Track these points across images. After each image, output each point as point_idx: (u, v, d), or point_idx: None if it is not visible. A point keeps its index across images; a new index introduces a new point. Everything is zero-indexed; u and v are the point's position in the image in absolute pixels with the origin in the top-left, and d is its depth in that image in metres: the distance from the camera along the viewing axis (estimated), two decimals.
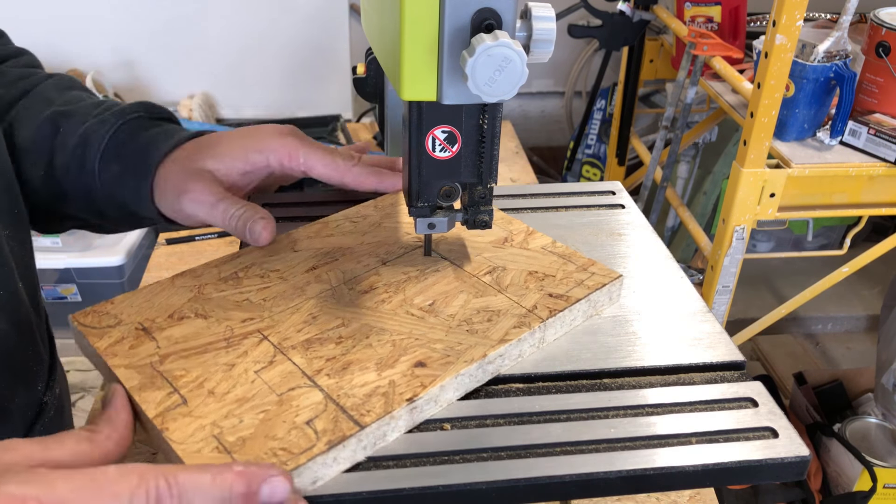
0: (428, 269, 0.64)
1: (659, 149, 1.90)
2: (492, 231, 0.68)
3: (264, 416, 0.49)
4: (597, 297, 0.61)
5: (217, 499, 0.40)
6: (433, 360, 0.54)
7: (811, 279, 1.55)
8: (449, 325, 0.57)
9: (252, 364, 0.53)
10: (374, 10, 0.59)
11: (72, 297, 2.03)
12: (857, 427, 1.69)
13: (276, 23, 2.18)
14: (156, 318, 0.57)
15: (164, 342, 0.55)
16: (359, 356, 0.54)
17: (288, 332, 0.56)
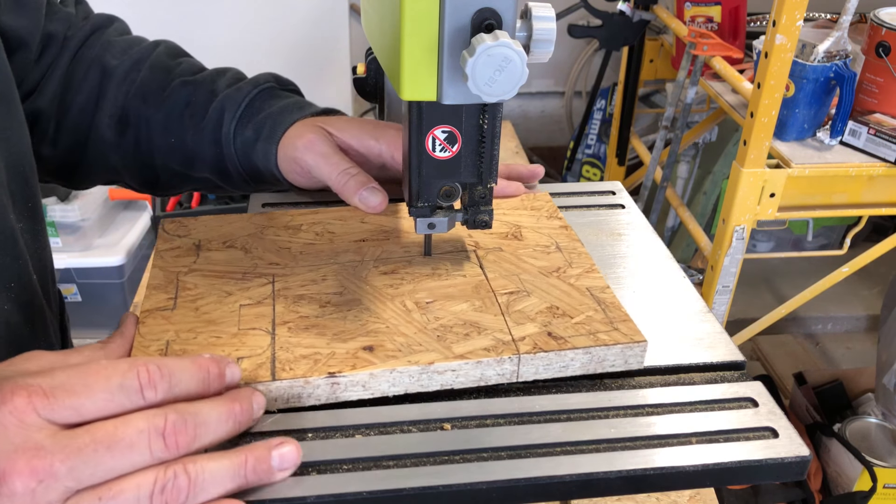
0: (457, 272, 0.64)
1: (659, 149, 1.90)
2: (552, 256, 0.66)
3: (212, 341, 0.55)
4: (602, 354, 0.56)
5: (199, 378, 0.46)
6: (382, 350, 0.55)
7: (811, 279, 1.55)
8: (425, 326, 0.57)
9: (244, 298, 0.59)
10: (375, 10, 0.59)
11: (72, 297, 2.03)
12: (857, 427, 1.69)
13: (276, 23, 2.18)
14: (212, 241, 0.67)
15: (201, 260, 0.64)
16: (326, 323, 0.57)
17: (292, 284, 0.61)
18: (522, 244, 0.68)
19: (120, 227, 2.11)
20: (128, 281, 2.02)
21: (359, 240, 0.67)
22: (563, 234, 0.70)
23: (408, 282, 0.62)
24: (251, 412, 0.48)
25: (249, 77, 0.78)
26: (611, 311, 0.59)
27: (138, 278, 1.27)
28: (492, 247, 0.67)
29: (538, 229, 0.70)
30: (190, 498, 0.42)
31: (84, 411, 0.41)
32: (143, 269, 1.27)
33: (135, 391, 0.43)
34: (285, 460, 0.46)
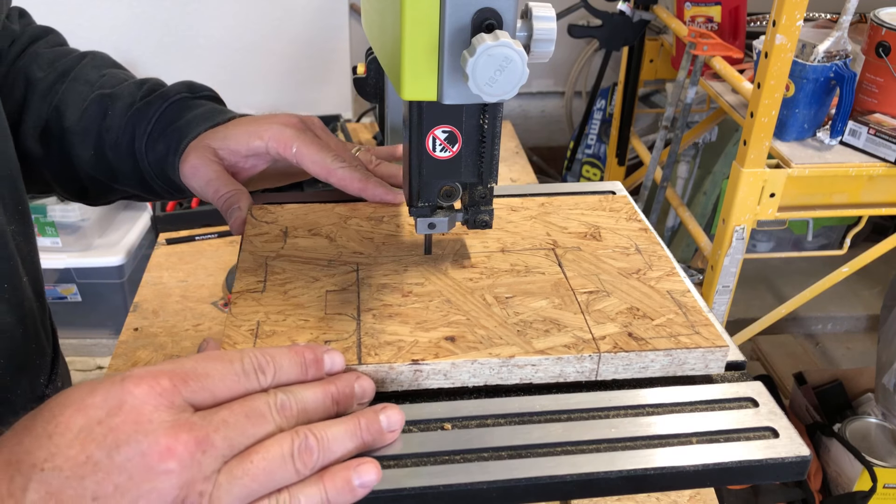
0: (535, 270, 0.65)
1: (659, 149, 1.90)
2: (631, 258, 0.67)
3: (300, 324, 0.57)
4: (683, 357, 0.57)
5: (298, 364, 0.50)
6: (464, 341, 0.56)
7: (811, 279, 1.55)
8: (506, 321, 0.58)
9: (330, 284, 0.62)
10: (375, 10, 0.59)
11: (72, 297, 2.03)
12: (857, 427, 1.69)
13: (276, 23, 2.18)
14: (299, 228, 0.69)
15: (288, 246, 0.67)
16: (409, 312, 0.59)
17: (375, 273, 0.64)
18: (601, 245, 0.69)
19: (120, 227, 2.10)
20: (128, 281, 2.02)
21: (439, 233, 0.68)
22: (642, 237, 0.70)
23: (486, 276, 0.63)
24: (351, 398, 0.51)
25: (165, 87, 0.78)
26: (692, 315, 0.60)
27: (138, 278, 1.27)
28: (570, 246, 0.68)
29: (617, 231, 0.71)
30: (321, 456, 0.46)
31: (217, 393, 0.46)
32: (142, 269, 1.27)
33: (252, 374, 0.47)
34: (392, 421, 0.50)
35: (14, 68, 0.77)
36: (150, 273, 1.25)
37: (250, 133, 0.71)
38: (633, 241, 0.69)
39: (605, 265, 0.66)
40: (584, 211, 0.74)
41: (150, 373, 0.44)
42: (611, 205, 0.75)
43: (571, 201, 0.75)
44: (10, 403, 0.59)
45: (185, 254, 1.31)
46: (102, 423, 0.42)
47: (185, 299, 1.17)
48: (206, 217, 1.39)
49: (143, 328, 1.10)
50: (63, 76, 0.77)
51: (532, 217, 0.73)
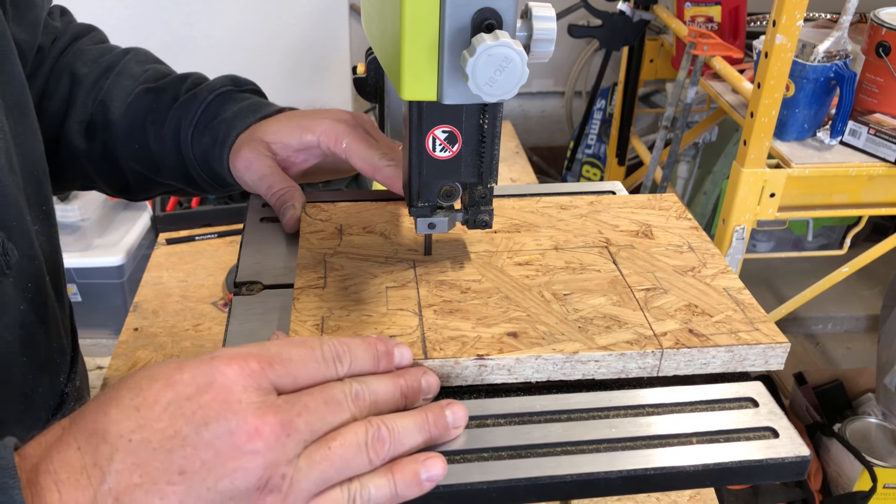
0: (591, 267, 0.65)
1: (659, 149, 1.90)
2: (685, 255, 0.67)
3: (365, 319, 0.58)
4: (744, 353, 0.57)
5: (372, 356, 0.51)
6: (526, 337, 0.56)
7: (811, 279, 1.55)
8: (566, 317, 0.58)
9: (389, 281, 0.63)
10: (375, 10, 0.59)
11: (72, 297, 2.03)
12: (857, 427, 1.69)
13: (277, 23, 2.18)
14: (353, 226, 0.70)
15: (344, 244, 0.68)
16: (469, 308, 0.59)
17: (432, 270, 0.64)
18: (654, 243, 0.69)
19: (120, 227, 2.10)
20: (128, 281, 2.02)
21: (492, 231, 0.69)
22: (694, 235, 0.71)
23: (542, 273, 0.64)
24: (418, 392, 0.52)
25: (209, 81, 0.79)
26: (750, 312, 0.60)
27: (138, 278, 1.27)
28: (623, 244, 0.68)
29: (668, 229, 0.71)
30: (392, 448, 0.47)
31: (299, 378, 0.46)
32: (142, 269, 1.27)
33: (331, 362, 0.48)
34: (457, 417, 0.50)
35: (58, 65, 0.78)
36: (150, 273, 1.25)
37: (302, 127, 0.72)
38: (685, 239, 0.70)
39: (660, 263, 0.66)
40: (633, 209, 0.74)
41: (239, 354, 0.45)
42: (659, 203, 0.75)
43: (620, 200, 0.75)
44: (31, 400, 0.60)
45: (185, 254, 1.31)
46: (192, 400, 0.42)
47: (185, 299, 1.17)
48: (206, 217, 1.39)
49: (143, 328, 1.10)
50: (107, 71, 0.78)
51: (583, 215, 0.73)
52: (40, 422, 0.61)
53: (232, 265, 1.26)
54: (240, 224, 1.37)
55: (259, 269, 0.68)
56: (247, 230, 0.74)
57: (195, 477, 0.41)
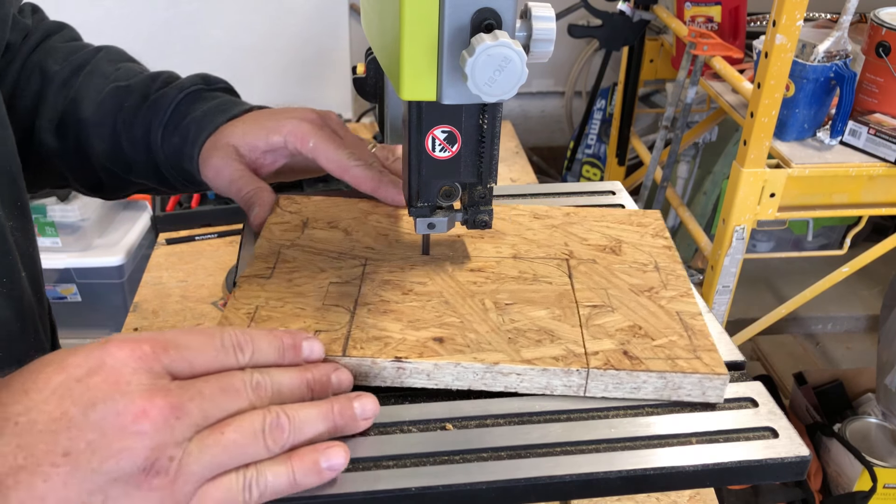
0: (544, 278, 0.63)
1: (659, 149, 1.90)
2: (648, 275, 0.64)
3: (297, 312, 0.59)
4: (679, 381, 0.54)
5: (276, 348, 0.51)
6: (452, 343, 0.55)
7: (811, 279, 1.55)
8: (499, 327, 0.57)
9: (334, 276, 0.63)
10: (374, 11, 0.59)
11: (72, 297, 2.03)
12: (857, 427, 1.69)
13: (276, 23, 2.18)
14: (319, 220, 0.71)
15: (304, 237, 0.68)
16: (404, 310, 0.59)
17: (381, 269, 0.64)
18: (619, 259, 0.66)
19: (120, 227, 2.10)
20: (128, 281, 2.02)
21: (456, 235, 0.68)
22: (664, 254, 0.68)
23: (492, 281, 0.63)
24: (327, 386, 0.51)
25: (180, 79, 0.78)
26: (697, 339, 0.57)
27: (138, 278, 1.27)
28: (586, 258, 0.66)
29: (639, 246, 0.68)
30: (291, 436, 0.47)
31: (196, 365, 0.46)
32: (142, 269, 1.27)
33: (231, 351, 0.48)
34: (366, 409, 0.51)
35: (29, 62, 0.77)
36: (149, 273, 1.25)
37: (268, 129, 0.72)
38: (653, 257, 0.67)
39: (618, 280, 0.64)
40: (609, 224, 0.72)
41: (132, 338, 0.45)
42: (640, 219, 0.72)
43: (598, 213, 0.73)
44: None
45: (185, 254, 1.31)
46: (81, 382, 0.42)
47: (185, 299, 1.17)
48: (206, 217, 1.39)
49: (143, 328, 1.10)
50: (79, 69, 0.77)
51: (554, 226, 0.71)
52: None
53: (232, 265, 1.26)
54: (240, 224, 1.37)
55: None
56: (247, 230, 0.74)
57: (80, 458, 0.41)
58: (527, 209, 0.73)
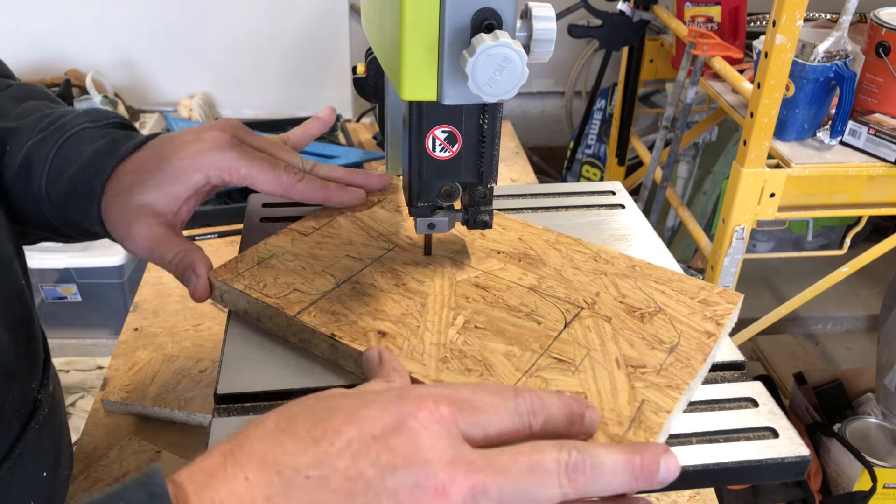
0: (537, 317, 0.59)
1: (659, 149, 1.90)
2: (655, 353, 0.56)
3: (296, 269, 0.63)
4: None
5: (565, 414, 0.46)
6: (391, 341, 0.56)
7: (811, 279, 1.55)
8: (445, 343, 0.56)
9: (354, 251, 0.66)
10: (374, 10, 0.59)
11: (72, 297, 2.03)
12: (857, 427, 1.69)
13: (276, 23, 2.18)
14: (393, 201, 0.74)
15: (367, 213, 0.72)
16: (381, 299, 0.60)
17: (399, 258, 0.66)
18: (639, 326, 0.59)
19: None
20: (128, 281, 2.02)
21: (494, 251, 0.68)
22: (696, 340, 0.58)
23: (485, 302, 0.61)
24: (654, 471, 0.43)
25: (64, 119, 0.68)
26: (635, 433, 0.49)
27: (138, 278, 1.27)
28: (604, 313, 0.60)
29: (678, 322, 0.60)
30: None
31: (490, 429, 0.42)
32: (142, 269, 1.27)
33: (525, 416, 0.44)
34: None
35: None
36: (150, 273, 1.25)
37: (184, 170, 0.64)
38: (680, 338, 0.58)
39: (613, 346, 0.57)
40: (668, 290, 0.63)
41: (430, 395, 0.41)
42: (709, 295, 0.63)
43: (667, 275, 0.65)
44: (2, 409, 0.58)
45: None
46: (378, 441, 0.39)
47: (185, 299, 1.17)
48: (206, 217, 1.39)
49: (143, 328, 1.10)
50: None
51: (604, 273, 0.65)
52: (13, 430, 0.58)
53: None
54: (240, 224, 1.37)
55: None
56: (247, 230, 0.74)
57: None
58: (594, 249, 0.69)
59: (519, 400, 0.44)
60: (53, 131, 0.66)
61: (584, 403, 0.47)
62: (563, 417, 0.45)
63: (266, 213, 0.77)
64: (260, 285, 0.61)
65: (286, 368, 0.57)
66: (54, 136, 0.66)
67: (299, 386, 0.55)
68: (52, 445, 0.64)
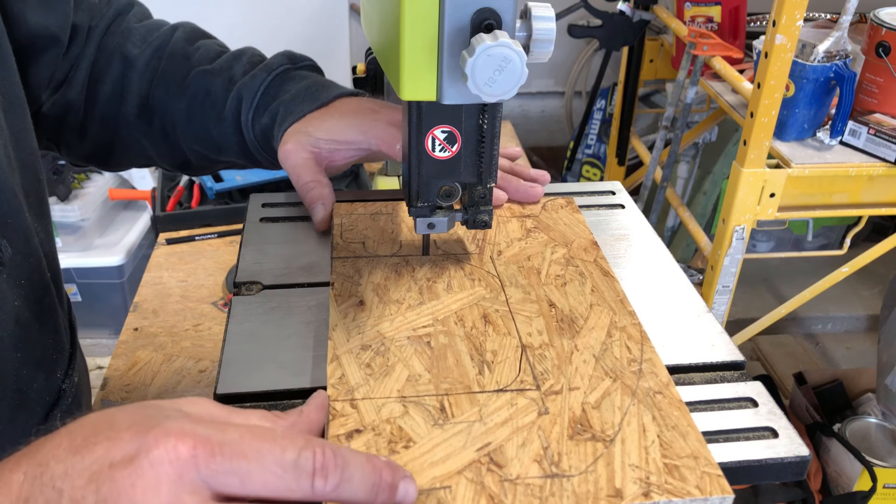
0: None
1: (659, 149, 1.90)
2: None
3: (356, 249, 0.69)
4: None
5: (371, 481, 0.40)
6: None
7: (811, 279, 1.55)
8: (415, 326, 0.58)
9: (407, 247, 0.69)
10: (374, 10, 0.59)
11: (72, 297, 2.03)
12: (857, 427, 1.69)
13: (277, 23, 2.18)
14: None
15: None
16: (403, 300, 0.62)
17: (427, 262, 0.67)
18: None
19: (120, 227, 2.11)
20: (128, 281, 2.02)
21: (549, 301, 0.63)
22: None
23: (489, 331, 0.59)
24: (394, 491, 0.41)
25: (266, 58, 0.80)
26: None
27: (138, 278, 1.27)
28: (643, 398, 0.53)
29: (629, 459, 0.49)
30: None
31: (249, 482, 0.37)
32: (142, 269, 1.27)
33: (306, 475, 0.38)
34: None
35: (105, 45, 0.78)
36: (150, 273, 1.25)
37: (354, 127, 0.73)
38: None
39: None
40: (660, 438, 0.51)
41: (177, 431, 0.37)
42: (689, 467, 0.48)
43: (684, 423, 0.52)
44: (27, 397, 0.60)
45: (185, 254, 1.31)
46: (111, 468, 0.36)
47: (185, 299, 1.17)
48: (206, 217, 1.39)
49: (143, 328, 1.10)
50: (158, 52, 0.79)
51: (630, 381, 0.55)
52: (36, 418, 0.61)
53: (232, 265, 1.26)
54: (240, 224, 1.37)
55: (259, 270, 0.68)
56: (247, 230, 0.74)
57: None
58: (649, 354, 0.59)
59: (304, 454, 0.38)
60: (260, 70, 0.77)
61: (399, 472, 0.41)
62: (368, 485, 0.39)
63: (266, 213, 0.77)
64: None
65: (286, 368, 0.57)
66: (261, 73, 0.77)
67: (299, 386, 0.55)
68: None
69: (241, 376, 0.56)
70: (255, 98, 0.76)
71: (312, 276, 0.67)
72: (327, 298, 0.63)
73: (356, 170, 1.45)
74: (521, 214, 0.75)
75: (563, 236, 0.71)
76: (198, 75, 0.78)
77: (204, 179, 1.46)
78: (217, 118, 0.77)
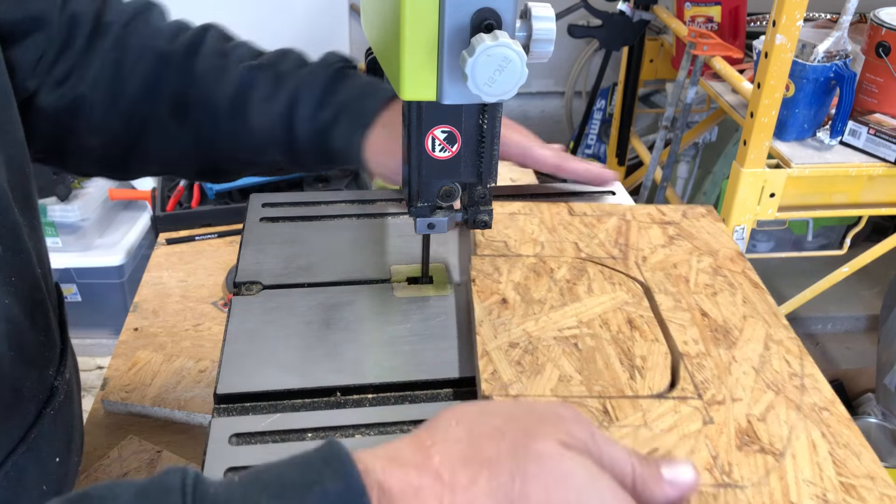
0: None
1: (659, 149, 1.90)
2: None
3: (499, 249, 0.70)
4: None
5: None
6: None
7: (811, 279, 1.55)
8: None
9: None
10: (374, 11, 0.59)
11: (72, 297, 2.03)
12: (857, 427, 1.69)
13: (276, 22, 2.18)
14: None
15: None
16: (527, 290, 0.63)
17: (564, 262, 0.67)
18: None
19: (120, 227, 2.11)
20: (128, 281, 2.02)
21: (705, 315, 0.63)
22: None
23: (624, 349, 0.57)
24: None
25: (320, 58, 0.79)
26: None
27: (138, 278, 1.27)
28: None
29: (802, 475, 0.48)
30: None
31: None
32: (142, 269, 1.27)
33: None
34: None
35: (128, 42, 0.75)
36: (150, 273, 1.25)
37: None
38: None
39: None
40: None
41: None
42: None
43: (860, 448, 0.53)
44: (20, 395, 0.59)
45: (185, 254, 1.31)
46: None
47: (185, 299, 1.17)
48: (206, 217, 1.39)
49: (143, 328, 1.10)
50: (193, 49, 0.77)
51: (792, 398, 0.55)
52: (29, 416, 0.60)
53: (232, 265, 1.26)
54: (240, 224, 1.37)
55: (259, 270, 0.68)
56: (247, 230, 0.74)
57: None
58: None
59: None
60: (318, 66, 0.76)
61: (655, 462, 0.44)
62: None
63: (266, 213, 0.77)
64: None
65: (286, 369, 0.57)
66: (320, 69, 0.76)
67: (299, 386, 0.55)
68: (66, 432, 0.65)
69: (241, 376, 0.56)
70: (315, 93, 0.74)
71: (312, 276, 0.67)
72: (327, 298, 0.63)
73: (356, 170, 1.45)
74: (662, 221, 0.73)
75: (708, 245, 0.70)
76: (244, 70, 0.75)
77: None
78: (264, 112, 0.75)
